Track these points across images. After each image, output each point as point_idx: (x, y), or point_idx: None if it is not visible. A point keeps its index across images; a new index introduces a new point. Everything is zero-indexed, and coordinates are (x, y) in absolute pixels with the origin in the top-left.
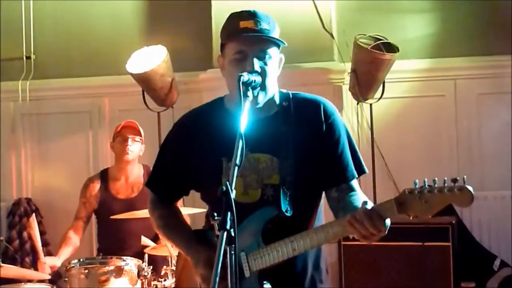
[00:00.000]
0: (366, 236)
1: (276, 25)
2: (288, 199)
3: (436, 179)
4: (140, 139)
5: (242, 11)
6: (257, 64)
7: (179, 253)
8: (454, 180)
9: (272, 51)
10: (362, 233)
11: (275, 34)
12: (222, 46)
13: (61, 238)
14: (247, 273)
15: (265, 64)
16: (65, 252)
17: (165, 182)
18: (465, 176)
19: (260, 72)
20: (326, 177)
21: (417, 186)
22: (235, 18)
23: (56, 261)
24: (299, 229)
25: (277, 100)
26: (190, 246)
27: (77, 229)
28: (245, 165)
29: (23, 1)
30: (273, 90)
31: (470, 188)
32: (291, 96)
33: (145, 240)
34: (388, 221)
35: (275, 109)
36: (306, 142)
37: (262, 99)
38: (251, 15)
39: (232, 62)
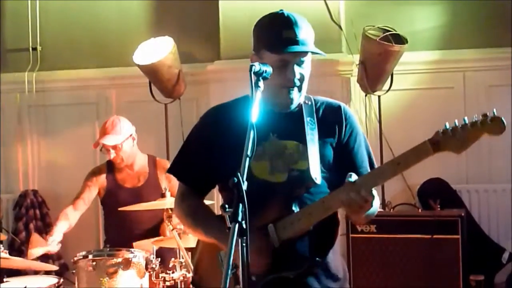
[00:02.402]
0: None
1: (311, 28)
2: (317, 171)
3: (465, 117)
4: (121, 142)
5: (281, 17)
6: (298, 72)
7: (197, 243)
8: (484, 115)
9: (308, 57)
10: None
11: (312, 39)
12: (259, 48)
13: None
14: (276, 244)
15: (303, 69)
16: (60, 228)
17: (194, 171)
18: (494, 109)
19: (300, 78)
20: (341, 173)
21: (448, 127)
22: (276, 25)
23: (50, 240)
24: None
25: (302, 100)
26: (222, 232)
27: (77, 206)
28: (272, 151)
29: None
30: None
31: (502, 117)
32: (312, 98)
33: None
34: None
35: (299, 106)
36: (328, 134)
37: (297, 100)
38: (291, 24)
39: (273, 70)
